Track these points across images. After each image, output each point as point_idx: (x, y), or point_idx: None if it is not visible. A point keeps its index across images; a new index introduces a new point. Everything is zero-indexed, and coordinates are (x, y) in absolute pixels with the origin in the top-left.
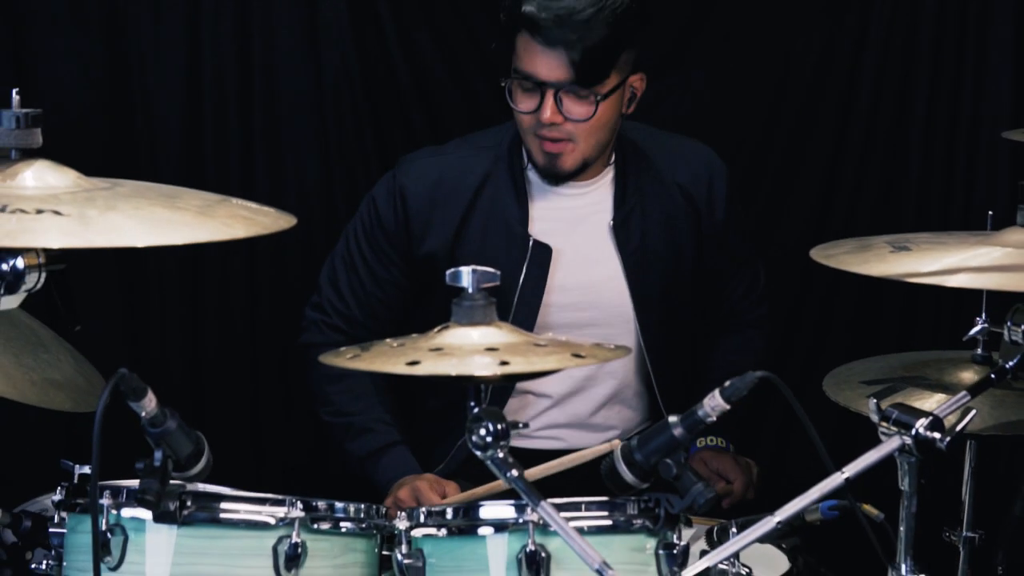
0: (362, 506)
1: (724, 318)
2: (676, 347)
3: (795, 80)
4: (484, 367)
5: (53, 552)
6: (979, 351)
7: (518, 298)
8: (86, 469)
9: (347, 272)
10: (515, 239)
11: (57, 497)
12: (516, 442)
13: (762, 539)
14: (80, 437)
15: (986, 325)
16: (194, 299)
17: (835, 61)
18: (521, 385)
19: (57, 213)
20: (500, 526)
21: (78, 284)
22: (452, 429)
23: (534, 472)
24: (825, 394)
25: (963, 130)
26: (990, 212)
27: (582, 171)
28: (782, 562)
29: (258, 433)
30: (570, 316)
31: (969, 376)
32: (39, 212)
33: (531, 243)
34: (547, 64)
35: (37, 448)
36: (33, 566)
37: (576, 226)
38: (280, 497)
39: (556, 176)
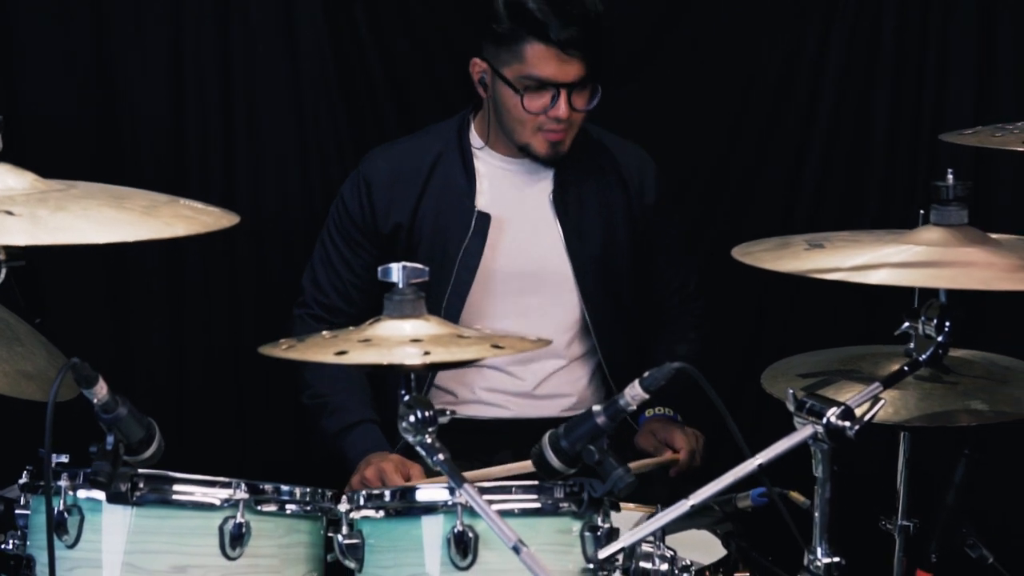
0: (308, 490)
1: (660, 310)
2: (619, 319)
3: (759, 85)
4: (409, 357)
5: (19, 533)
6: (911, 345)
7: (459, 264)
8: (63, 458)
9: (324, 267)
10: (463, 211)
11: (22, 480)
12: (468, 411)
13: (696, 524)
14: (59, 427)
15: (913, 323)
16: (178, 295)
17: (799, 67)
18: None
19: (9, 213)
20: (432, 508)
21: (63, 282)
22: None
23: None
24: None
25: (925, 132)
26: (921, 211)
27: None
28: (717, 548)
29: (242, 428)
30: (515, 284)
31: None
32: None
33: (475, 214)
34: (564, 68)
35: (18, 437)
36: (2, 546)
37: (520, 198)
38: (227, 480)
39: (557, 159)
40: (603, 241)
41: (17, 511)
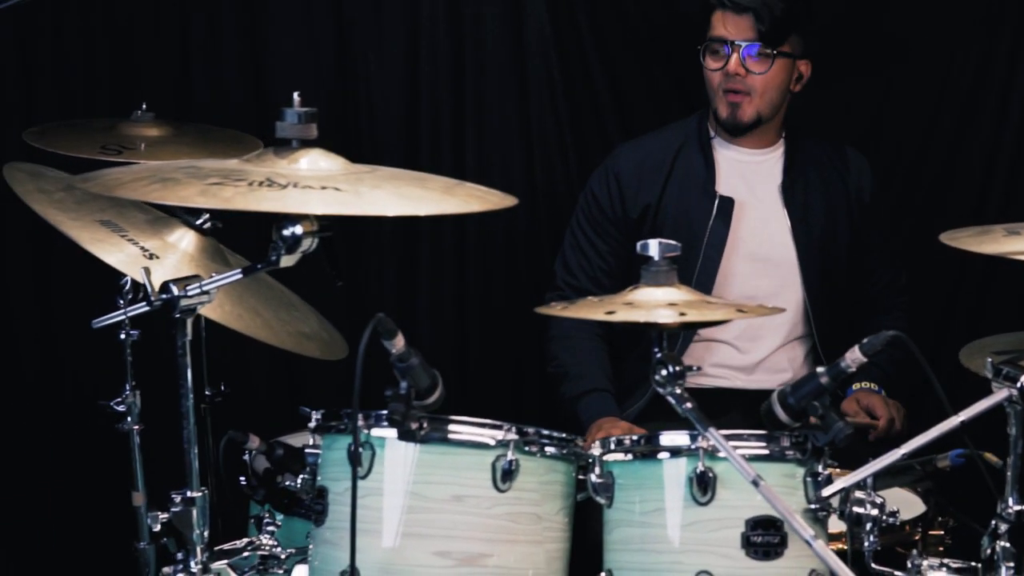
0: (564, 435)
1: (871, 301)
2: (834, 305)
3: (953, 86)
4: (665, 316)
5: (308, 469)
6: None
7: (706, 244)
8: (318, 415)
9: (575, 253)
10: (705, 195)
11: (313, 424)
12: (697, 381)
13: (898, 483)
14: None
15: None
16: (460, 268)
17: (992, 70)
18: (704, 333)
19: (337, 189)
20: (676, 451)
21: (358, 255)
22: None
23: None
24: (960, 363)
25: None
26: None
27: (757, 125)
28: (918, 505)
29: (519, 383)
30: (748, 266)
31: None
32: (323, 188)
33: (717, 198)
34: (737, 26)
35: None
36: (288, 483)
37: (753, 185)
38: (498, 423)
39: (736, 127)
40: (825, 232)
41: (307, 450)
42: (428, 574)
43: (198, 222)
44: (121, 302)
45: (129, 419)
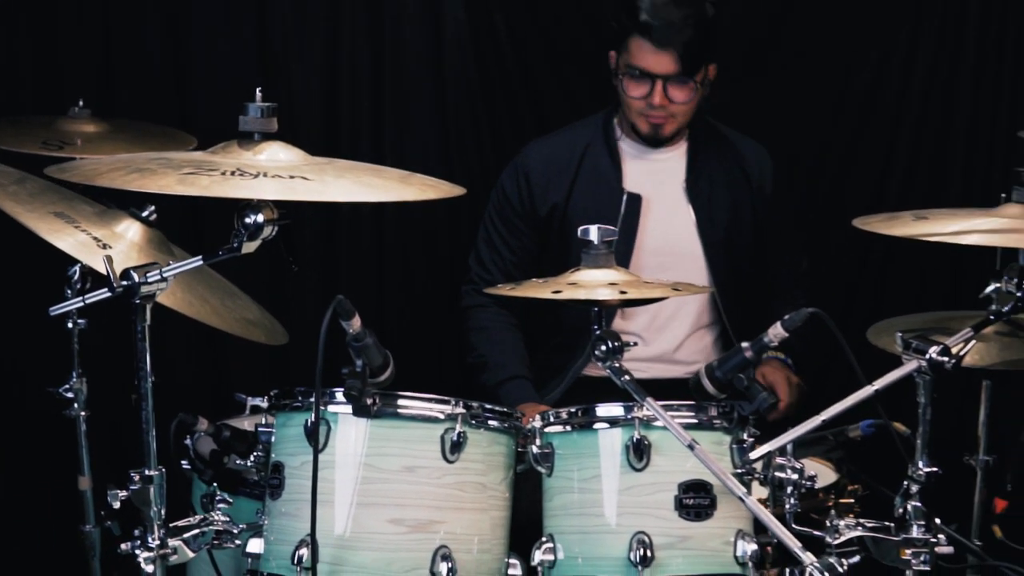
0: (506, 410)
1: (776, 285)
2: (743, 290)
3: (856, 83)
4: (606, 294)
5: (260, 447)
6: (993, 307)
7: (616, 241)
8: (256, 401)
9: (488, 248)
10: (612, 193)
11: (265, 404)
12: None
13: (812, 453)
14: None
15: (998, 285)
16: (380, 258)
17: (890, 68)
18: (615, 325)
19: (305, 179)
20: (612, 421)
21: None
22: (566, 363)
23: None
24: (867, 341)
25: (1002, 128)
26: (1003, 194)
27: (676, 136)
28: (831, 474)
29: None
30: (655, 260)
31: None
32: (291, 178)
33: (625, 195)
34: (659, 60)
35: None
36: (239, 462)
37: (658, 183)
38: (445, 398)
39: (657, 141)
40: (730, 225)
41: (261, 429)
42: (382, 541)
43: (144, 214)
44: (69, 292)
45: (76, 405)
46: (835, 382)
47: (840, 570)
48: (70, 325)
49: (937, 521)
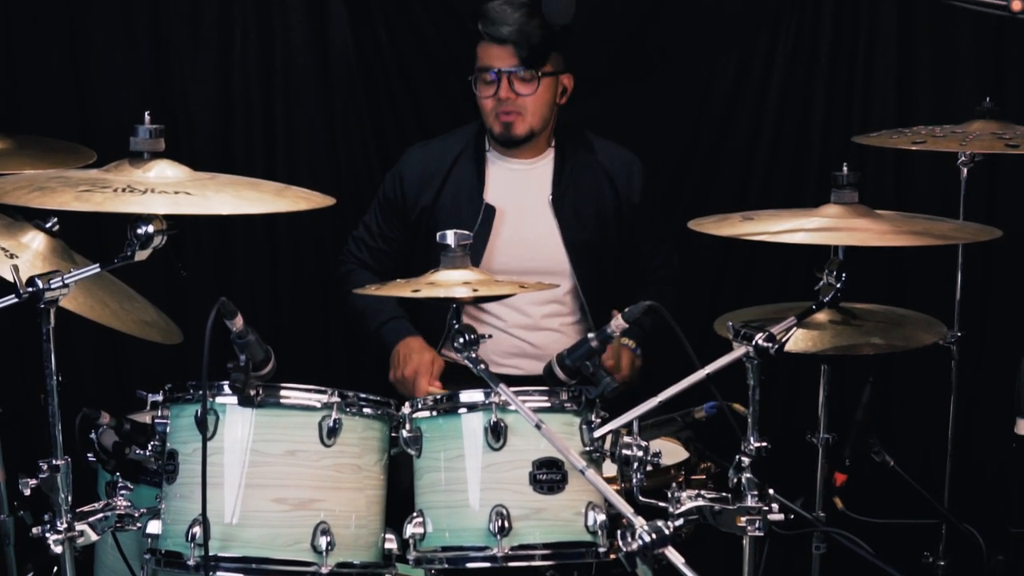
0: (379, 398)
1: (640, 280)
2: (608, 292)
3: (716, 90)
4: (462, 292)
5: (157, 437)
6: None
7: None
8: (157, 397)
9: (366, 233)
10: (472, 203)
11: (160, 398)
12: (501, 371)
13: (662, 433)
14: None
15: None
16: (274, 254)
17: (748, 75)
18: (494, 325)
19: (188, 194)
20: (473, 406)
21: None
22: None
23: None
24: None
25: (855, 131)
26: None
27: (530, 139)
28: (681, 452)
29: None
30: (514, 265)
31: (819, 316)
32: (176, 193)
33: (483, 205)
34: (500, 56)
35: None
36: (138, 452)
37: (523, 195)
38: (323, 388)
39: (509, 140)
40: (595, 234)
41: (157, 420)
42: (267, 518)
43: (47, 225)
44: None
45: None
46: (682, 367)
47: (666, 532)
48: None
49: (771, 491)
